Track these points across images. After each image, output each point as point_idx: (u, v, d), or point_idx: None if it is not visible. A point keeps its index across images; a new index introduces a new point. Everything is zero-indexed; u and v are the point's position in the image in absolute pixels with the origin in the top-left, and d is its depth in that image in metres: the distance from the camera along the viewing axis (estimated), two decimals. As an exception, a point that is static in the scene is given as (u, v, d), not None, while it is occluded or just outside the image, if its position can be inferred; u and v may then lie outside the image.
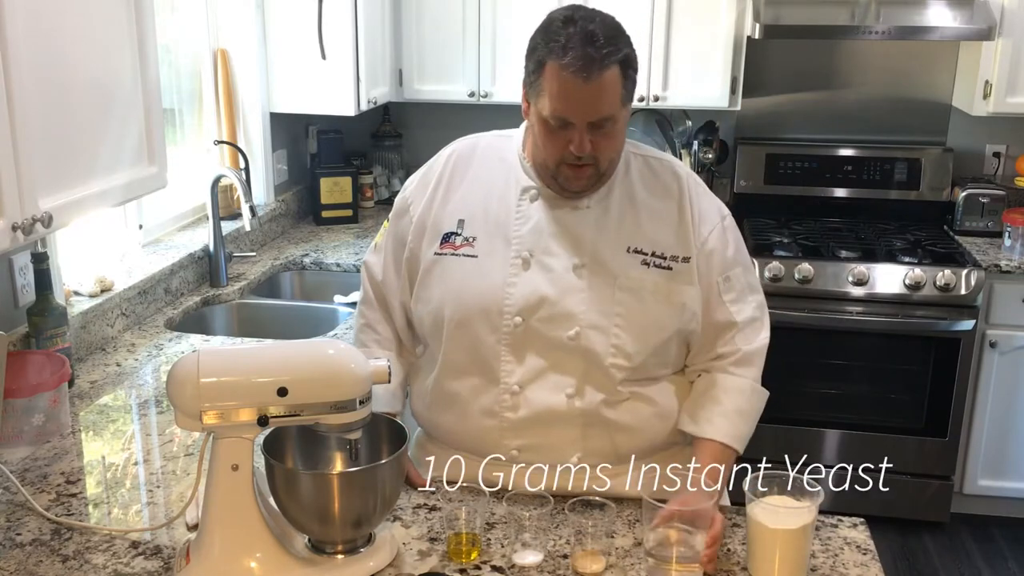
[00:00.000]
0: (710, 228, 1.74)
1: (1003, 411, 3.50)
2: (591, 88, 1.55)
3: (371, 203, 4.06)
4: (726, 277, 1.74)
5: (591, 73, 1.54)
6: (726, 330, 1.75)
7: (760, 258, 3.43)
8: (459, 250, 1.73)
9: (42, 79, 1.66)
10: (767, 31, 3.46)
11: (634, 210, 1.72)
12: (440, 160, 1.81)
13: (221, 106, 3.44)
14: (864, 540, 1.63)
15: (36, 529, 1.66)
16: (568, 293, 1.68)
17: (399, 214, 1.83)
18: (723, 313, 1.74)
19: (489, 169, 1.77)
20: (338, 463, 1.61)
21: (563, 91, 1.56)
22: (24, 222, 1.62)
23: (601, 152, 1.62)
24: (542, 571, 1.53)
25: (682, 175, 1.76)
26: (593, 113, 1.58)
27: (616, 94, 1.58)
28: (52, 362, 2.05)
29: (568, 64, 1.54)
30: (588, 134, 1.59)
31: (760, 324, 1.78)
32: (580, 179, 1.66)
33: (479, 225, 1.73)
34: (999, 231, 3.64)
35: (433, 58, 3.74)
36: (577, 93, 1.56)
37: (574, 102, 1.57)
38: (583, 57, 1.53)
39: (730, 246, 1.76)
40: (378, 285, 1.86)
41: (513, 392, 1.70)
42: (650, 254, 1.70)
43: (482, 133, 1.84)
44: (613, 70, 1.56)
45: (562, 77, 1.55)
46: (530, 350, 1.69)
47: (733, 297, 1.75)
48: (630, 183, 1.73)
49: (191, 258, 3.00)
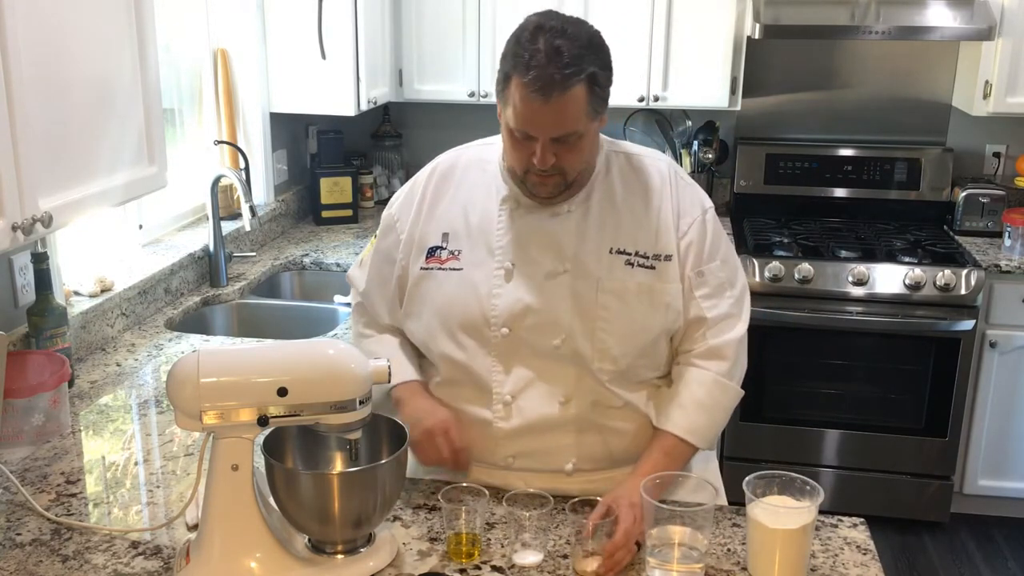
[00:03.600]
0: (689, 222, 1.72)
1: (1003, 411, 3.50)
2: (551, 107, 1.54)
3: (371, 203, 4.06)
4: (699, 272, 1.72)
5: (551, 94, 1.52)
6: (697, 326, 1.73)
7: (760, 258, 3.43)
8: (445, 264, 1.73)
9: (42, 79, 1.66)
10: (767, 31, 3.46)
11: (616, 210, 1.71)
12: (423, 175, 1.82)
13: (221, 106, 3.44)
14: (864, 540, 1.63)
15: (36, 529, 1.66)
16: (551, 301, 1.68)
17: (386, 231, 1.83)
18: (695, 308, 1.72)
19: (471, 181, 1.77)
20: (338, 463, 1.61)
21: (524, 108, 1.56)
22: (24, 222, 1.62)
23: (566, 164, 1.62)
24: (542, 571, 1.53)
25: (664, 171, 1.75)
26: (554, 130, 1.57)
27: (580, 111, 1.57)
28: (52, 362, 2.05)
29: (529, 83, 1.53)
30: (551, 147, 1.59)
31: (735, 320, 1.74)
32: (546, 187, 1.65)
33: (463, 238, 1.74)
34: (999, 231, 3.64)
35: (433, 58, 3.74)
36: (538, 111, 1.55)
37: (535, 119, 1.56)
38: (544, 78, 1.52)
39: (708, 240, 1.73)
40: (363, 296, 1.88)
41: (505, 402, 1.71)
42: (633, 254, 1.69)
43: (466, 144, 1.84)
44: (577, 88, 1.54)
45: (523, 94, 1.54)
46: (519, 360, 1.70)
47: (706, 292, 1.72)
48: (611, 183, 1.73)
49: (191, 258, 3.00)
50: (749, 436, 3.55)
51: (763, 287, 3.39)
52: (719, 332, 1.72)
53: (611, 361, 1.68)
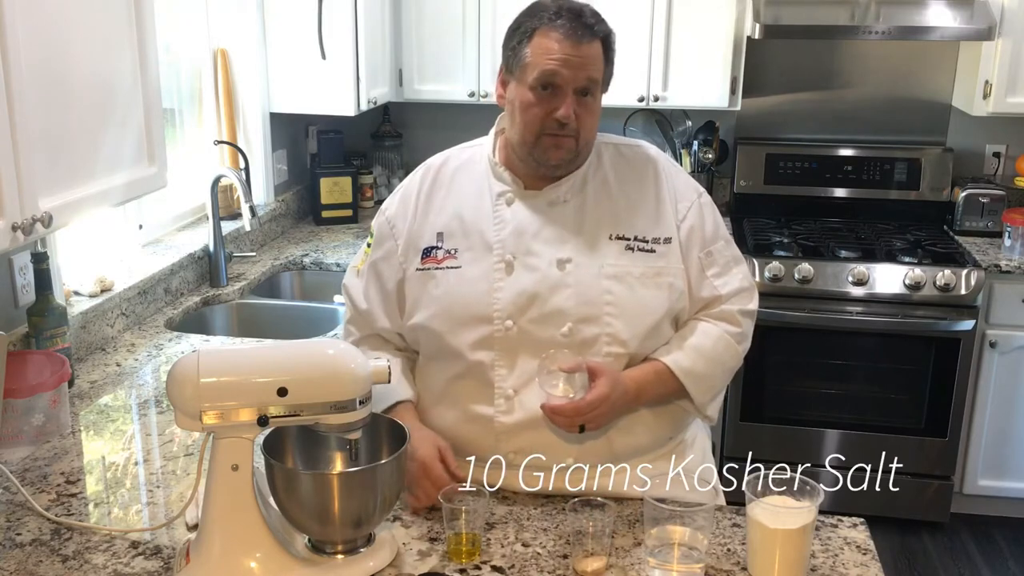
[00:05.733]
0: (688, 205, 1.76)
1: (1003, 411, 3.50)
2: (582, 50, 1.62)
3: (371, 203, 4.05)
4: (708, 252, 1.76)
5: (583, 36, 1.62)
6: (712, 304, 1.76)
7: (760, 258, 3.43)
8: (442, 263, 1.74)
9: (42, 79, 1.66)
10: (767, 31, 3.46)
11: (611, 198, 1.74)
12: (415, 179, 1.82)
13: (221, 106, 3.44)
14: (864, 540, 1.63)
15: (36, 529, 1.66)
16: (556, 289, 1.68)
17: (382, 239, 1.82)
18: (708, 288, 1.75)
19: (461, 181, 1.78)
20: (338, 463, 1.61)
21: (559, 51, 1.62)
22: (24, 222, 1.62)
23: (582, 124, 1.66)
24: (542, 571, 1.53)
25: (655, 157, 1.80)
26: (582, 76, 1.63)
27: (600, 67, 1.66)
28: (52, 362, 2.05)
29: (561, 26, 1.62)
30: (574, 102, 1.64)
31: (749, 293, 1.79)
32: (560, 149, 1.68)
33: (458, 236, 1.74)
34: (999, 231, 3.64)
35: (433, 58, 3.74)
36: (571, 54, 1.62)
37: (568, 63, 1.63)
38: (575, 20, 1.62)
39: (708, 221, 1.77)
40: (361, 313, 1.83)
41: (508, 397, 1.70)
42: (632, 238, 1.72)
43: (452, 148, 1.85)
44: (598, 42, 1.64)
45: (554, 39, 1.62)
46: (523, 353, 1.69)
47: (717, 271, 1.76)
48: (603, 172, 1.76)
49: (191, 258, 3.00)
50: (749, 436, 3.55)
51: (763, 287, 3.39)
52: (733, 302, 1.76)
53: (620, 344, 1.69)
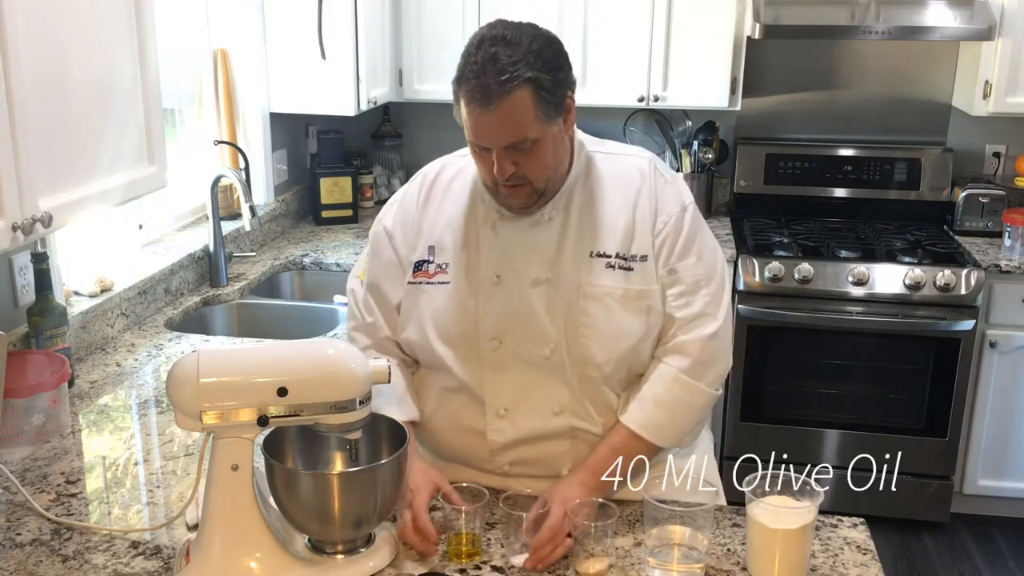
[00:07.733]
0: (665, 220, 1.68)
1: (1003, 411, 3.50)
2: (494, 115, 1.52)
3: (371, 203, 4.05)
4: (671, 270, 1.68)
5: (489, 102, 1.51)
6: (668, 325, 1.70)
7: (760, 258, 3.43)
8: (433, 278, 1.72)
9: (42, 79, 1.66)
10: (767, 31, 3.46)
11: (596, 213, 1.69)
12: (413, 188, 1.80)
13: (221, 106, 3.44)
14: (864, 540, 1.63)
15: (36, 529, 1.66)
16: (536, 310, 1.67)
17: (380, 249, 1.79)
18: (667, 307, 1.69)
19: (454, 193, 1.75)
20: (338, 463, 1.61)
21: (469, 119, 1.55)
22: (24, 222, 1.62)
23: (529, 172, 1.59)
24: (542, 571, 1.53)
25: (646, 169, 1.72)
26: (502, 138, 1.55)
27: (527, 117, 1.53)
28: (52, 362, 2.05)
29: (469, 93, 1.53)
30: (508, 156, 1.57)
31: (708, 319, 1.69)
32: (518, 198, 1.63)
33: (449, 251, 1.72)
34: (999, 231, 3.64)
35: (433, 58, 3.74)
36: (481, 120, 1.54)
37: (480, 129, 1.55)
38: (479, 87, 1.51)
39: (683, 236, 1.68)
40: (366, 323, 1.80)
41: (499, 415, 1.70)
42: (614, 255, 1.67)
43: (449, 155, 1.82)
44: (518, 93, 1.51)
45: (467, 105, 1.54)
46: (511, 371, 1.69)
47: (679, 291, 1.68)
48: (591, 186, 1.70)
49: (191, 258, 3.00)
50: (749, 436, 3.55)
51: (763, 287, 3.39)
52: (688, 330, 1.69)
53: (595, 367, 1.67)
